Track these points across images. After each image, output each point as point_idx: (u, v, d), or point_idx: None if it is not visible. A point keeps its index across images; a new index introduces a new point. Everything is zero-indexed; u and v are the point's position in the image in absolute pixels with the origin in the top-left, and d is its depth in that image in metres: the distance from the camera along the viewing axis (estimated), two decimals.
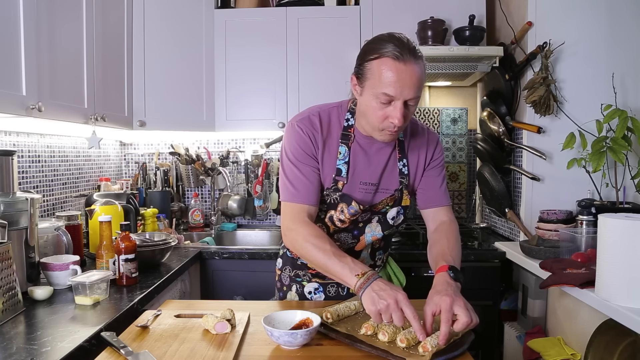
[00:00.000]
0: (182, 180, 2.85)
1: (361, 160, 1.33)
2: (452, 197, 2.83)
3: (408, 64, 1.15)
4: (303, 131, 1.31)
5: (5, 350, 1.05)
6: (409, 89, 1.16)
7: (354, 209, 1.31)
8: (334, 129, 1.33)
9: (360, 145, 1.33)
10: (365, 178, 1.34)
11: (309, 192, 1.29)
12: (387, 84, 1.15)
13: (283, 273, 1.53)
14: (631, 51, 2.07)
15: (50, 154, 2.14)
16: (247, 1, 2.59)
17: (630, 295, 1.28)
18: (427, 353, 1.01)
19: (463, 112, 2.81)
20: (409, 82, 1.15)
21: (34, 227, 1.47)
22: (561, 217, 1.95)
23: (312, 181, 1.30)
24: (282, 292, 1.53)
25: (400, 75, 1.14)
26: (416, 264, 2.13)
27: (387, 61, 1.15)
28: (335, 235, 1.38)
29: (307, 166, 1.30)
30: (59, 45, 1.66)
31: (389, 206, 1.38)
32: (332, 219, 1.34)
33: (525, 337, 1.83)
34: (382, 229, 1.39)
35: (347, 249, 1.38)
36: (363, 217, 1.36)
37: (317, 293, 1.47)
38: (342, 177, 1.31)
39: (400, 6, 2.46)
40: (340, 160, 1.31)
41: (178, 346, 1.07)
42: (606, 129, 1.88)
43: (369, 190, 1.35)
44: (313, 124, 1.32)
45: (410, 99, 1.18)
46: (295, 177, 1.30)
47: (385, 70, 1.15)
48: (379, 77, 1.17)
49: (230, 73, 2.55)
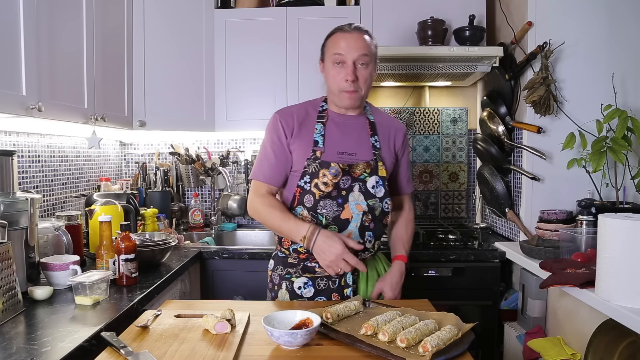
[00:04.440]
0: (182, 180, 2.85)
1: (336, 133, 1.55)
2: (452, 197, 2.83)
3: (353, 33, 1.49)
4: (278, 120, 1.54)
5: (5, 350, 1.05)
6: (355, 50, 1.46)
7: (335, 169, 1.48)
8: (310, 114, 1.57)
9: (334, 122, 1.57)
10: (342, 148, 1.53)
11: (274, 172, 1.53)
12: (337, 47, 1.49)
13: (274, 273, 1.60)
14: (631, 51, 2.07)
15: (50, 154, 2.14)
16: (247, 1, 2.59)
17: (630, 295, 1.28)
18: (427, 353, 1.01)
19: (463, 112, 2.81)
20: (354, 45, 1.47)
21: (34, 227, 1.47)
22: (561, 217, 1.95)
23: (279, 163, 1.53)
24: (273, 292, 1.59)
25: (346, 40, 1.48)
26: (416, 264, 2.13)
27: (337, 34, 1.52)
28: (322, 202, 1.49)
29: (275, 150, 1.53)
30: (59, 45, 1.66)
31: (367, 174, 1.53)
32: (317, 186, 1.49)
33: (525, 337, 1.83)
34: (364, 198, 1.51)
35: (334, 217, 1.49)
36: (344, 183, 1.50)
37: (306, 287, 1.52)
38: (320, 147, 1.51)
39: (400, 6, 2.46)
40: (316, 134, 1.53)
41: (178, 346, 1.07)
42: (606, 129, 1.88)
43: (347, 159, 1.52)
44: (289, 113, 1.56)
45: (358, 59, 1.47)
46: (265, 158, 1.55)
47: (335, 39, 1.51)
48: (332, 46, 1.51)
49: (230, 73, 2.55)
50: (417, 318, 1.19)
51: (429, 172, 2.83)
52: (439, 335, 1.07)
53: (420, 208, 2.84)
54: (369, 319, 1.18)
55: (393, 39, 2.43)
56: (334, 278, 1.51)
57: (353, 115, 1.58)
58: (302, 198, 1.50)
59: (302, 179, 1.50)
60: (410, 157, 1.66)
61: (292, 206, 1.52)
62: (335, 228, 1.49)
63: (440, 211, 2.84)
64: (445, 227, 2.45)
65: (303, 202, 1.50)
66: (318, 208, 1.48)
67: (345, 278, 1.51)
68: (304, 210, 1.50)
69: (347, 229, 1.50)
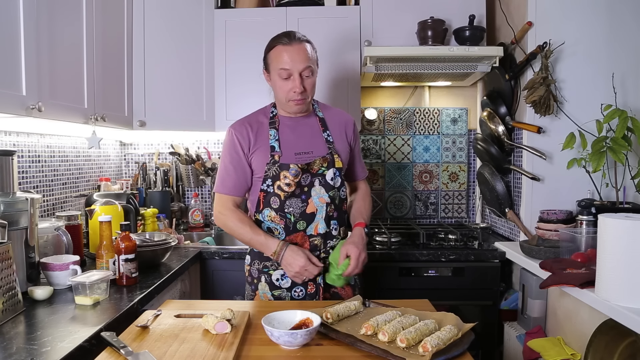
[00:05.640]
0: (182, 180, 2.85)
1: (289, 135, 1.63)
2: (452, 197, 2.83)
3: (294, 45, 1.54)
4: (234, 134, 1.62)
5: (5, 350, 1.05)
6: (299, 63, 1.53)
7: (294, 169, 1.57)
8: (262, 123, 1.65)
9: (286, 125, 1.65)
10: (299, 148, 1.61)
11: (235, 185, 1.62)
12: (281, 61, 1.54)
13: (252, 267, 1.69)
14: (631, 51, 2.07)
15: (50, 154, 2.14)
16: (247, 1, 2.59)
17: (630, 295, 1.28)
18: (427, 353, 1.01)
19: (463, 112, 2.81)
20: (297, 58, 1.53)
21: (34, 227, 1.47)
22: (561, 217, 1.95)
23: (239, 176, 1.62)
24: (253, 285, 1.68)
25: (289, 54, 1.53)
26: (416, 264, 2.13)
27: (278, 48, 1.56)
28: (287, 201, 1.58)
29: (234, 164, 1.61)
30: (59, 45, 1.66)
31: (325, 167, 1.62)
32: (281, 187, 1.58)
33: (525, 337, 1.83)
34: (325, 190, 1.61)
35: (301, 213, 1.59)
36: (305, 181, 1.59)
37: (284, 279, 1.62)
38: (277, 152, 1.59)
39: (400, 6, 2.46)
40: (272, 140, 1.61)
41: (178, 346, 1.07)
42: (606, 129, 1.88)
43: (304, 158, 1.61)
44: (243, 126, 1.63)
45: (303, 71, 1.54)
46: (225, 172, 1.63)
47: (278, 53, 1.55)
48: (276, 60, 1.56)
49: (230, 73, 2.55)
50: (417, 318, 1.20)
51: (429, 172, 2.83)
52: (439, 335, 1.07)
53: (420, 208, 2.84)
54: (369, 319, 1.18)
55: (393, 39, 2.42)
56: None
57: (302, 116, 1.67)
58: (267, 200, 1.60)
59: (265, 183, 1.60)
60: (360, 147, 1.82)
61: (259, 209, 1.62)
62: (304, 223, 1.60)
63: (440, 211, 2.84)
64: (445, 227, 2.45)
65: (270, 204, 1.60)
66: (285, 207, 1.59)
67: None
68: (271, 211, 1.60)
69: (314, 221, 1.61)
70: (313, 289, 1.61)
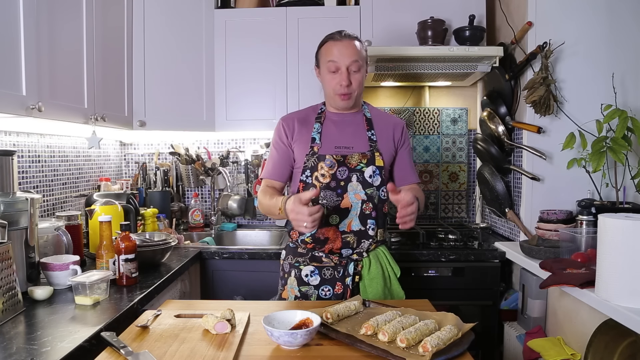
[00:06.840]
0: (182, 180, 2.85)
1: (332, 129, 1.67)
2: (452, 197, 2.83)
3: (344, 41, 1.60)
4: (281, 123, 1.70)
5: (5, 350, 1.05)
6: (347, 57, 1.58)
7: (329, 160, 1.60)
8: (310, 116, 1.71)
9: (332, 120, 1.69)
10: (339, 142, 1.64)
11: (275, 168, 1.69)
12: (330, 55, 1.60)
13: (285, 262, 1.70)
14: (631, 51, 2.07)
15: (50, 154, 2.14)
16: (247, 1, 2.59)
17: (630, 295, 1.28)
18: (427, 353, 1.01)
19: (463, 112, 2.81)
20: (345, 52, 1.58)
21: (34, 227, 1.47)
22: (561, 217, 1.95)
23: (279, 161, 1.68)
24: (283, 280, 1.69)
25: (338, 48, 1.59)
26: (416, 264, 2.13)
27: (329, 43, 1.62)
28: (322, 193, 1.60)
29: (277, 149, 1.69)
30: (59, 45, 1.66)
31: (364, 164, 1.62)
32: (318, 179, 1.60)
33: (525, 337, 1.83)
34: (362, 187, 1.61)
35: (334, 207, 1.60)
36: (342, 175, 1.60)
37: (313, 275, 1.62)
38: (317, 143, 1.64)
39: (400, 6, 2.46)
40: (314, 132, 1.66)
41: (178, 346, 1.07)
42: (606, 129, 1.88)
43: (342, 152, 1.63)
44: (291, 117, 1.71)
45: (351, 65, 1.58)
46: (270, 158, 1.72)
47: (328, 47, 1.62)
48: (326, 54, 1.62)
49: (230, 73, 2.55)
50: (417, 318, 1.20)
51: (429, 172, 2.83)
52: (439, 335, 1.07)
53: None
54: (369, 319, 1.18)
55: (393, 39, 2.43)
56: (338, 268, 1.61)
57: (350, 113, 1.70)
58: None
59: (304, 174, 1.62)
60: (411, 152, 1.77)
61: None
62: (337, 217, 1.60)
63: (440, 211, 2.84)
64: (445, 227, 2.45)
65: None
66: (320, 199, 1.59)
67: (348, 269, 1.61)
68: None
69: (347, 217, 1.60)
70: (341, 289, 1.60)
